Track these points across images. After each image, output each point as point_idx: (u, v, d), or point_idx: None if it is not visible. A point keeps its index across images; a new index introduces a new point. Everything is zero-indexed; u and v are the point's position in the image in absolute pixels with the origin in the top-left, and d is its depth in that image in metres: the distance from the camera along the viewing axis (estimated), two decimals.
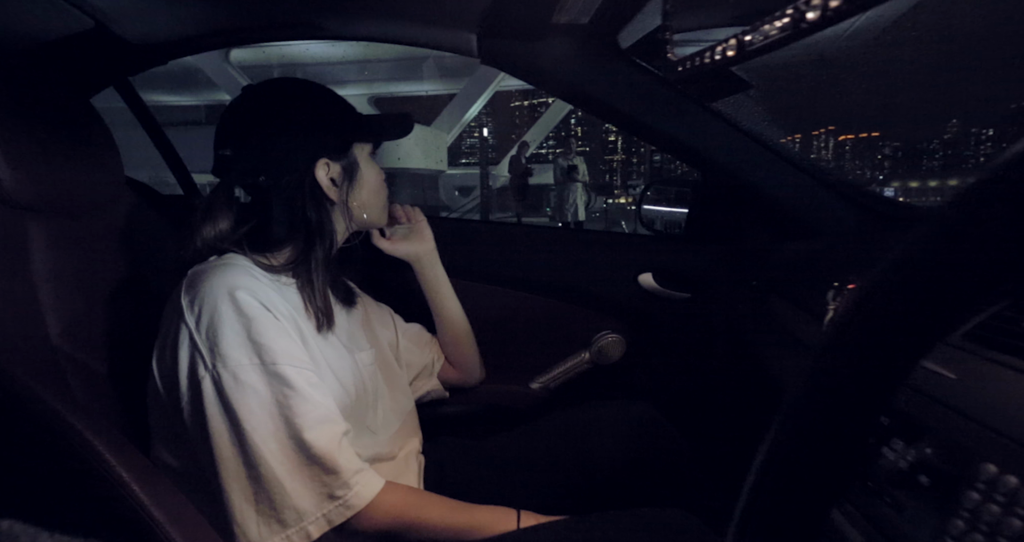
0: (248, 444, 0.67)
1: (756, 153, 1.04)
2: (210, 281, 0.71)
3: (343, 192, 0.84)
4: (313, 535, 0.69)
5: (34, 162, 0.78)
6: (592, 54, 0.98)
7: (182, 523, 0.61)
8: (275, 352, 0.70)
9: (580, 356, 1.22)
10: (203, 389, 0.68)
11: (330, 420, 0.71)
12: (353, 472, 0.71)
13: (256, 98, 0.84)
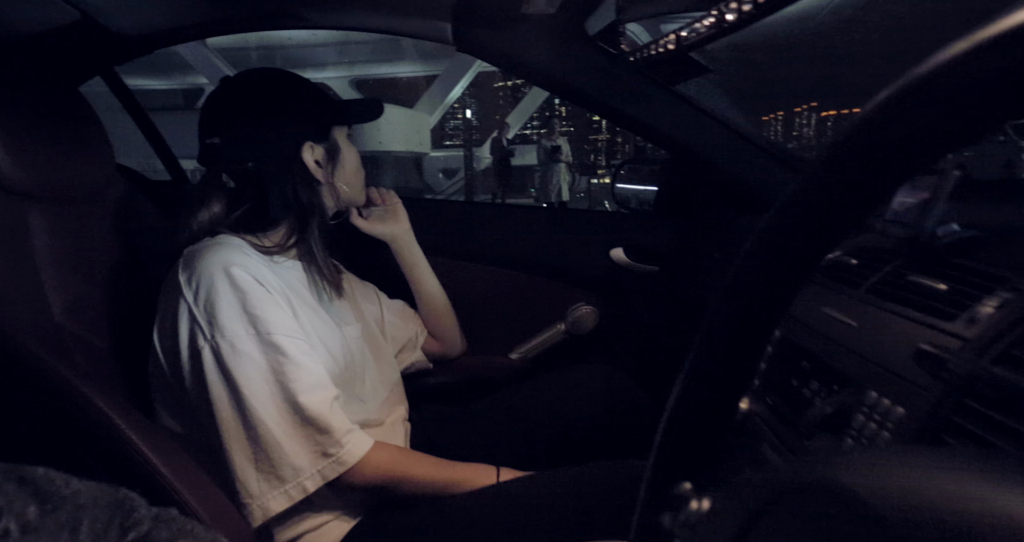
0: (247, 408, 0.73)
1: (718, 133, 1.10)
2: (206, 259, 0.77)
3: (328, 172, 0.90)
4: (309, 489, 0.75)
5: (31, 151, 0.82)
6: (561, 41, 1.04)
7: (186, 476, 0.68)
8: (269, 323, 0.75)
9: (556, 327, 1.29)
10: (203, 358, 0.74)
11: (322, 385, 0.77)
12: (344, 432, 0.77)
13: (238, 89, 0.89)
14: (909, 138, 0.20)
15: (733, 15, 0.43)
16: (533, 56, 1.06)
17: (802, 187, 0.27)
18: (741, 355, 0.32)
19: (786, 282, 0.29)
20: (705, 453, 0.34)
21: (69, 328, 0.81)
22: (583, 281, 1.30)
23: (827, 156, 0.25)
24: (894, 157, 0.22)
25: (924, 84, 0.19)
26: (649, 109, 1.10)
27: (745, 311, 0.30)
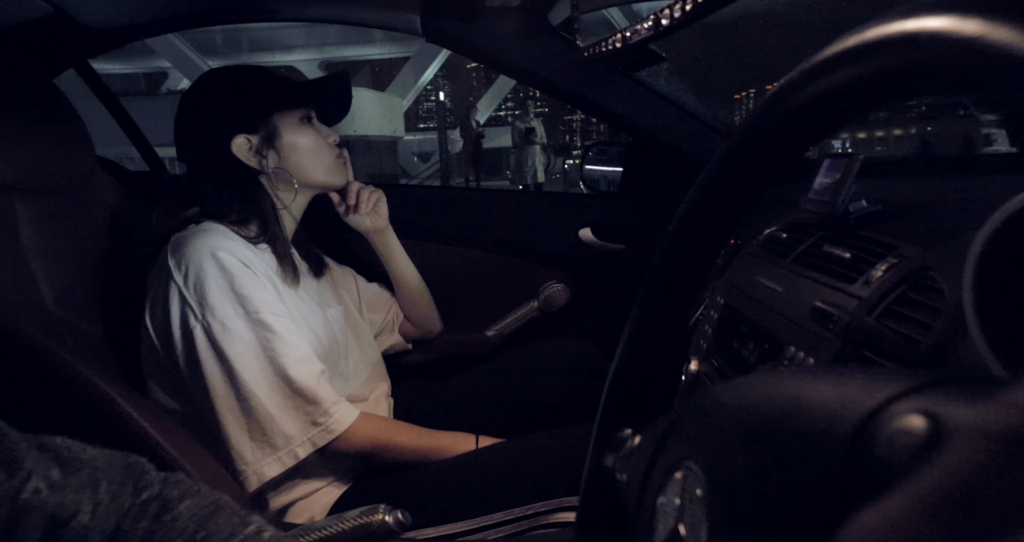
0: (239, 382, 0.78)
1: (674, 116, 1.17)
2: (193, 244, 0.81)
3: (269, 161, 0.92)
4: (300, 455, 0.81)
5: (13, 143, 0.85)
6: (525, 32, 1.09)
7: (183, 447, 0.73)
8: (256, 302, 0.80)
9: (529, 305, 1.35)
10: (195, 338, 0.78)
11: (308, 359, 0.83)
12: (331, 402, 0.82)
13: (187, 91, 0.95)
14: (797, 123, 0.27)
15: (667, 21, 0.49)
16: (499, 47, 1.11)
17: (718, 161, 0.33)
18: (672, 312, 0.38)
19: (709, 243, 0.35)
20: (645, 403, 0.40)
21: (61, 315, 0.85)
22: (554, 260, 1.36)
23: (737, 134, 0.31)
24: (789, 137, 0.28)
25: (798, 86, 0.25)
26: (609, 95, 1.15)
27: (676, 272, 0.36)
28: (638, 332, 0.39)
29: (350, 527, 0.66)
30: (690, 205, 0.35)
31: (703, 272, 0.36)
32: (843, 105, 0.24)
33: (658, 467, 0.29)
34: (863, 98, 0.22)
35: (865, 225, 0.55)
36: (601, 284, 1.36)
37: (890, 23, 0.20)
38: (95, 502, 0.46)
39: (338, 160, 0.99)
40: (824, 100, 0.24)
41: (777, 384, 0.24)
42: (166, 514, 0.50)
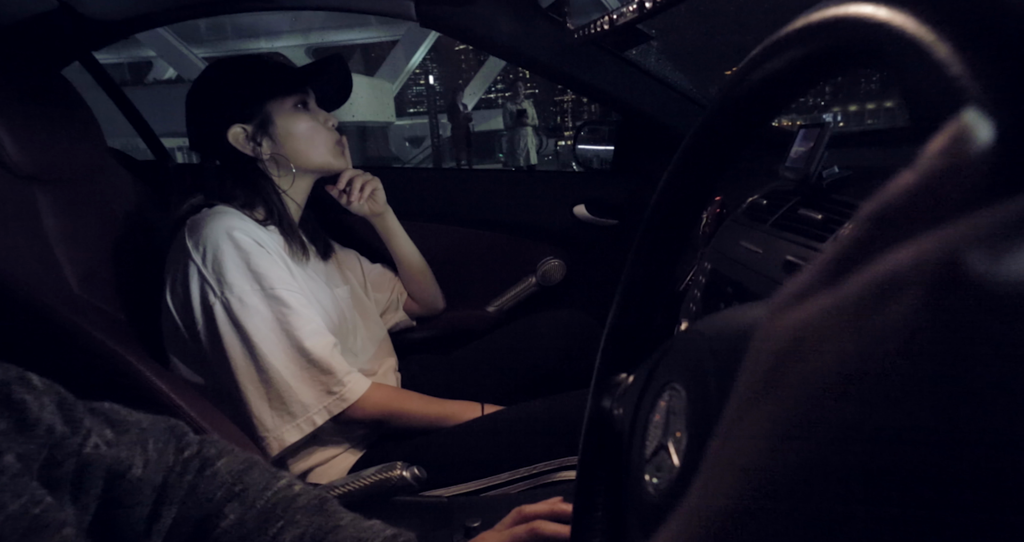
0: (257, 354, 0.83)
1: (662, 95, 1.21)
2: (210, 225, 0.86)
3: (264, 148, 0.96)
4: (317, 422, 0.86)
5: (32, 135, 0.89)
6: (517, 15, 1.12)
7: (208, 415, 0.79)
8: (271, 278, 0.85)
9: (527, 280, 1.40)
10: (215, 313, 0.83)
11: (322, 332, 0.88)
12: (345, 372, 0.87)
13: (192, 85, 0.99)
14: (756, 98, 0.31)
15: (650, 3, 0.53)
16: (492, 30, 1.14)
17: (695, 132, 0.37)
18: (661, 266, 0.43)
19: (690, 204, 0.39)
20: (638, 351, 0.45)
21: (85, 298, 0.90)
22: (550, 237, 1.41)
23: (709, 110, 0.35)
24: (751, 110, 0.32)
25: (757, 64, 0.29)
26: (599, 75, 1.19)
27: (662, 231, 0.41)
28: (631, 286, 0.43)
29: (371, 483, 0.71)
30: (673, 171, 0.39)
31: (686, 230, 0.41)
32: (791, 81, 0.28)
33: (648, 392, 0.34)
34: (806, 75, 0.27)
35: (837, 189, 0.60)
36: (596, 258, 1.41)
37: (823, 10, 0.24)
38: (145, 458, 0.51)
39: (335, 146, 1.01)
40: (775, 77, 0.29)
41: (741, 313, 0.29)
42: (207, 469, 0.55)
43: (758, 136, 1.11)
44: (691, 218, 0.40)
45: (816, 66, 0.25)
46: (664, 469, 0.29)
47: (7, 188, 0.85)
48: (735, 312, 0.30)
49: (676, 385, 0.31)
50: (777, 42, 0.27)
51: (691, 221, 0.41)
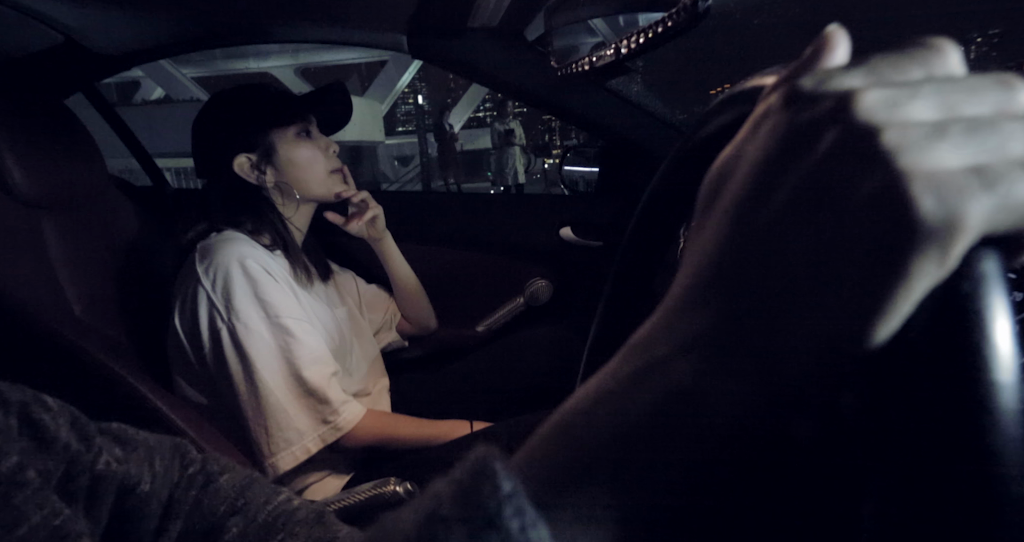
0: (258, 380, 0.85)
1: (644, 122, 1.27)
2: (221, 252, 0.89)
3: (268, 177, 0.99)
4: (311, 451, 0.88)
5: (37, 163, 0.92)
6: (504, 48, 1.18)
7: (207, 436, 0.81)
8: (277, 307, 0.87)
9: (515, 301, 1.44)
10: (221, 338, 0.86)
11: (322, 361, 0.90)
12: (341, 402, 0.89)
13: (198, 114, 1.02)
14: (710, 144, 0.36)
15: (625, 49, 0.58)
16: (480, 62, 1.20)
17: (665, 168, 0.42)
18: (639, 281, 0.47)
19: (663, 227, 0.44)
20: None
21: (88, 322, 0.92)
22: (537, 258, 1.45)
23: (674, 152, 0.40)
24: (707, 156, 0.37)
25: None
26: (584, 104, 1.25)
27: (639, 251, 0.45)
28: (612, 301, 0.47)
29: (365, 498, 0.74)
30: (647, 198, 0.44)
31: (661, 251, 0.45)
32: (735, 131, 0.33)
33: None
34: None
35: None
36: (582, 279, 1.45)
37: (757, 80, 0.29)
38: (152, 474, 0.54)
39: (336, 174, 1.04)
40: (724, 129, 0.34)
41: None
42: (210, 485, 0.58)
43: None
44: (665, 242, 0.45)
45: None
46: None
47: (14, 215, 0.88)
48: None
49: None
50: (724, 101, 0.32)
51: (665, 244, 0.45)
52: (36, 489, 0.42)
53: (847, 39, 0.21)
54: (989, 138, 0.17)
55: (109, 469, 0.50)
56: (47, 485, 0.44)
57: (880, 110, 0.17)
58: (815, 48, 0.21)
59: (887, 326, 0.17)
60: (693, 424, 0.19)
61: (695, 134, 0.36)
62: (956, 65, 0.19)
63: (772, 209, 0.18)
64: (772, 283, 0.18)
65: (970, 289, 0.16)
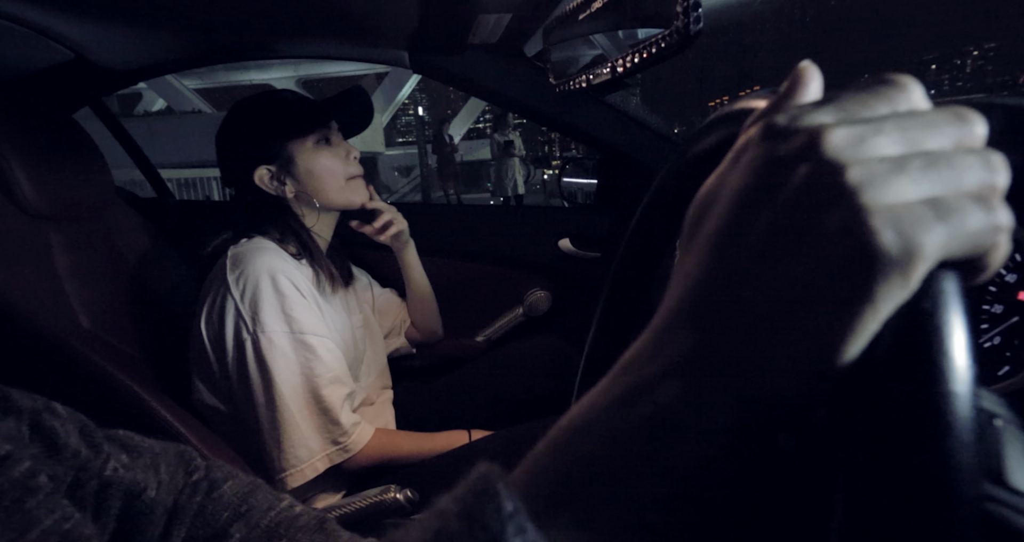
0: (276, 394, 0.85)
1: (641, 135, 1.29)
2: (252, 263, 0.89)
3: (288, 187, 1.00)
4: (319, 469, 0.88)
5: (45, 177, 0.94)
6: (503, 63, 1.20)
7: (214, 446, 0.83)
8: (302, 324, 0.88)
9: (515, 311, 1.46)
10: (245, 349, 0.86)
11: (340, 382, 0.90)
12: (351, 424, 0.90)
13: (220, 125, 1.03)
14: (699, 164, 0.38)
15: (621, 68, 0.60)
16: (480, 77, 1.22)
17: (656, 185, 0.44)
18: (632, 300, 0.48)
19: (657, 240, 0.46)
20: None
21: (93, 332, 0.94)
22: (537, 269, 1.47)
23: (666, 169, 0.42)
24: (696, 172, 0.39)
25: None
26: (582, 118, 1.27)
27: (632, 269, 0.47)
28: (608, 312, 0.49)
29: (367, 504, 0.75)
30: (641, 213, 0.46)
31: (655, 264, 0.47)
32: (724, 150, 0.35)
33: None
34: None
35: None
36: (581, 290, 1.47)
37: (744, 102, 0.31)
38: (158, 481, 0.56)
39: (352, 181, 1.03)
40: (714, 147, 0.36)
41: None
42: (214, 491, 0.59)
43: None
44: (659, 254, 0.46)
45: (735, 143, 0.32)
46: None
47: (23, 227, 0.90)
48: None
49: None
50: (713, 121, 0.34)
51: (660, 257, 0.47)
52: (47, 494, 0.43)
53: (819, 75, 0.22)
54: (945, 171, 0.19)
55: (116, 475, 0.52)
56: (57, 490, 0.45)
57: (846, 147, 0.19)
58: (790, 83, 0.23)
59: (857, 344, 0.18)
60: (680, 442, 0.21)
61: (687, 151, 0.38)
62: (919, 100, 0.21)
63: (751, 239, 0.20)
64: (751, 309, 0.20)
65: (931, 307, 0.18)
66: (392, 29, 1.07)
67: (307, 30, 1.10)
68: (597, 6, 0.67)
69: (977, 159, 0.19)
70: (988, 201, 0.18)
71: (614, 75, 0.63)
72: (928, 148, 0.19)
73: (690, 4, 0.49)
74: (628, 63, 0.61)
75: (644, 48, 0.58)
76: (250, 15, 0.98)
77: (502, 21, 1.01)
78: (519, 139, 8.79)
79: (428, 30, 1.06)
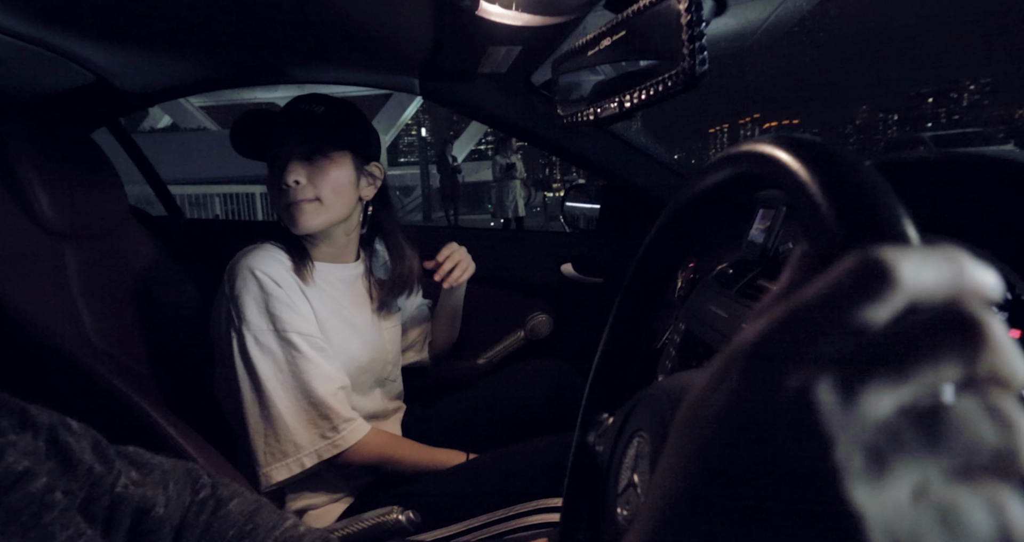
0: (262, 390, 0.88)
1: (643, 164, 1.32)
2: (241, 261, 0.92)
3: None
4: (307, 465, 0.89)
5: (63, 195, 0.97)
6: (511, 92, 1.24)
7: (213, 460, 0.83)
8: (285, 322, 0.90)
9: (516, 334, 1.47)
10: (233, 346, 0.89)
11: (328, 376, 0.92)
12: (343, 419, 0.91)
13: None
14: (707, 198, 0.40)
15: (629, 104, 0.63)
16: (488, 105, 1.26)
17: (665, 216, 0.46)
18: (637, 325, 0.50)
19: (662, 269, 0.47)
20: (619, 392, 0.52)
21: (100, 346, 0.95)
22: (539, 293, 1.49)
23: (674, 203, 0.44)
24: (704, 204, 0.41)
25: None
26: (587, 146, 1.31)
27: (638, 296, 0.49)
28: (614, 335, 0.51)
29: (369, 525, 0.76)
30: (647, 244, 0.48)
31: (660, 292, 0.49)
32: (727, 189, 0.37)
33: (622, 437, 0.41)
34: (736, 186, 0.36)
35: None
36: (582, 314, 1.49)
37: (750, 145, 0.33)
38: (167, 498, 0.56)
39: (287, 210, 0.95)
40: (718, 186, 0.38)
41: (694, 376, 0.36)
42: (220, 510, 0.60)
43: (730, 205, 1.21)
44: (664, 283, 0.48)
45: (738, 183, 0.34)
46: (632, 503, 0.35)
47: (40, 244, 0.92)
48: (690, 374, 0.37)
49: (643, 433, 0.38)
50: (718, 161, 0.36)
51: (664, 285, 0.48)
52: (62, 510, 0.44)
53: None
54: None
55: (127, 492, 0.53)
56: (72, 506, 0.46)
57: (851, 432, 0.16)
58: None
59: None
60: None
61: (694, 187, 0.41)
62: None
63: (731, 475, 0.18)
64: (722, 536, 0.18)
65: None
66: (405, 57, 1.11)
67: (323, 56, 1.13)
68: (606, 43, 0.70)
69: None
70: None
71: (621, 110, 0.66)
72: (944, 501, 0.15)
73: (696, 47, 0.52)
74: (635, 99, 0.63)
75: (651, 86, 0.60)
76: (268, 42, 1.01)
77: (512, 53, 1.04)
78: (521, 161, 8.87)
79: (440, 58, 1.10)
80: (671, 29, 0.57)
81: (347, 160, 0.97)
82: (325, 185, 0.94)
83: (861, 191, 0.24)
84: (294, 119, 0.95)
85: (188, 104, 15.23)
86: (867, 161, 0.32)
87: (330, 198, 0.95)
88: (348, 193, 0.98)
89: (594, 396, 0.52)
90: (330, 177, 0.94)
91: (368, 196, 1.04)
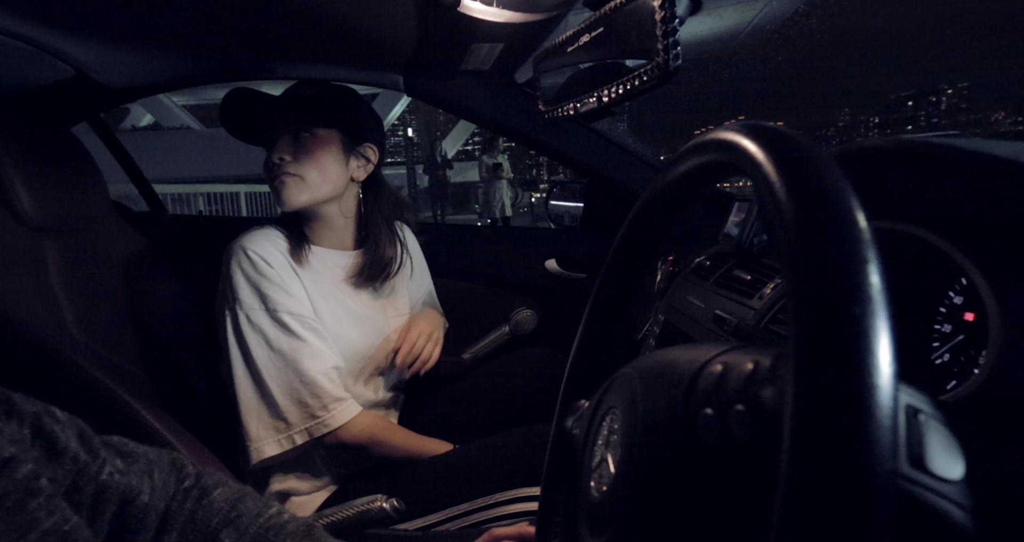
0: (254, 368, 0.89)
1: (626, 161, 1.34)
2: (238, 242, 0.94)
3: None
4: (297, 442, 0.90)
5: (43, 189, 0.96)
6: (495, 90, 1.25)
7: (197, 451, 0.83)
8: (277, 302, 0.91)
9: (501, 329, 1.48)
10: (227, 324, 0.91)
11: (319, 356, 0.93)
12: (333, 399, 0.92)
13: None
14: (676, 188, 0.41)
15: (607, 98, 0.65)
16: (472, 102, 1.27)
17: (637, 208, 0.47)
18: (613, 314, 0.51)
19: (637, 260, 0.49)
20: (596, 379, 0.53)
21: (82, 341, 0.95)
22: (523, 288, 1.50)
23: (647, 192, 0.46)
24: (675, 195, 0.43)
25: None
26: (570, 144, 1.32)
27: (614, 286, 0.50)
28: (590, 326, 0.52)
29: (354, 513, 0.76)
30: (622, 234, 0.49)
31: (636, 282, 0.50)
32: (697, 178, 0.39)
33: (596, 416, 0.42)
34: (706, 175, 0.38)
35: (765, 254, 0.71)
36: (566, 309, 1.50)
37: (717, 133, 0.35)
38: (152, 486, 0.57)
39: (273, 185, 0.99)
40: (688, 175, 0.39)
41: (664, 353, 0.38)
42: (204, 498, 0.61)
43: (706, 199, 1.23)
44: (640, 273, 0.50)
45: (707, 172, 0.36)
46: (604, 476, 0.37)
47: (21, 239, 0.91)
48: (658, 353, 0.39)
49: (615, 410, 0.39)
50: (686, 150, 0.38)
51: (640, 275, 0.50)
52: (48, 496, 0.44)
53: None
54: None
55: (112, 480, 0.53)
56: (57, 493, 0.47)
57: None
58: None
59: None
60: None
61: (664, 177, 0.42)
62: None
63: None
64: None
65: (860, 312, 0.21)
66: (389, 54, 1.12)
67: (307, 53, 1.14)
68: (585, 40, 0.72)
69: None
70: None
71: (600, 104, 0.68)
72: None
73: (670, 42, 0.54)
74: (613, 94, 0.65)
75: (628, 80, 0.62)
76: (251, 38, 1.01)
77: (494, 50, 1.06)
78: (507, 162, 8.89)
79: (424, 56, 1.10)
80: (646, 26, 0.59)
81: (334, 138, 0.99)
82: (309, 162, 0.96)
83: (810, 171, 0.25)
84: (285, 101, 0.99)
85: (170, 102, 15.05)
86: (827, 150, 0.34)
87: (312, 175, 0.96)
88: (334, 171, 0.99)
89: (572, 384, 0.53)
90: (313, 154, 0.96)
91: (359, 177, 1.04)
